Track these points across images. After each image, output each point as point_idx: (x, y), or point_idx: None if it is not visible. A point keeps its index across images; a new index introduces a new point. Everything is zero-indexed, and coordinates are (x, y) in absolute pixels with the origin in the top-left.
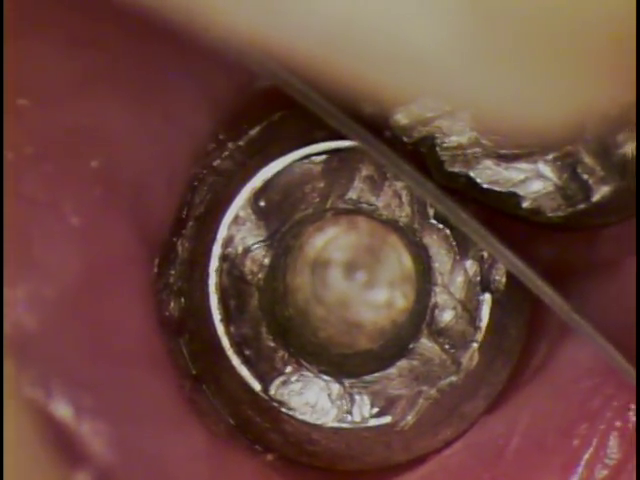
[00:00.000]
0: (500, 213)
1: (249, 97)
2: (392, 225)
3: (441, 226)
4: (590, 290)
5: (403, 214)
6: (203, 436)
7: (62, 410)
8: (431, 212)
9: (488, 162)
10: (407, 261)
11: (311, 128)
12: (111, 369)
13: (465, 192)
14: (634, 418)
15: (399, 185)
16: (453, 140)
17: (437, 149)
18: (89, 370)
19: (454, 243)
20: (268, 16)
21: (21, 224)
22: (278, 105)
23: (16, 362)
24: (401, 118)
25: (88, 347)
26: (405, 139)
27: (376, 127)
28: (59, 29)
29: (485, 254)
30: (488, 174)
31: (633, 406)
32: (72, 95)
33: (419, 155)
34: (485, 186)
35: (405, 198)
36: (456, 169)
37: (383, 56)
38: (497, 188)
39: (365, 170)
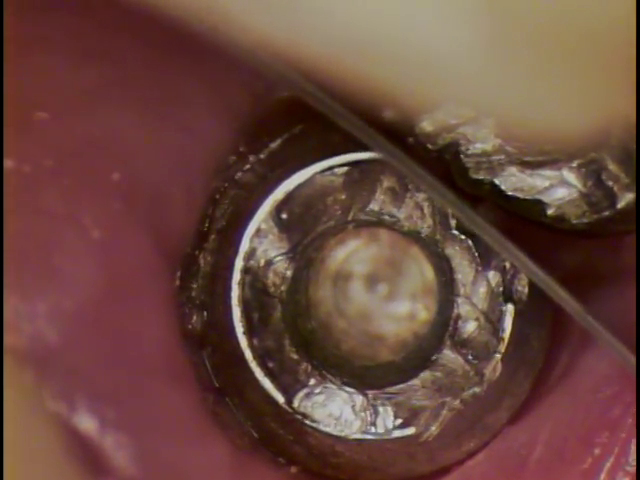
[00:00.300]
0: (524, 220)
1: (269, 109)
2: (414, 237)
3: (463, 237)
4: (614, 296)
5: (425, 225)
6: (226, 449)
7: (85, 423)
8: (453, 223)
9: (512, 169)
10: (429, 273)
11: (332, 140)
12: (133, 382)
13: (489, 199)
14: None
15: (421, 196)
16: (477, 147)
17: (461, 156)
18: (111, 383)
19: (476, 254)
20: (285, 20)
21: (40, 237)
22: (298, 117)
23: (38, 376)
24: (426, 125)
25: (110, 360)
26: (430, 146)
27: (399, 135)
28: (74, 41)
29: (507, 264)
30: (512, 181)
31: None
32: (89, 107)
33: (443, 162)
34: (509, 193)
35: (427, 209)
36: (480, 176)
37: (405, 62)
38: (521, 195)
39: (386, 182)
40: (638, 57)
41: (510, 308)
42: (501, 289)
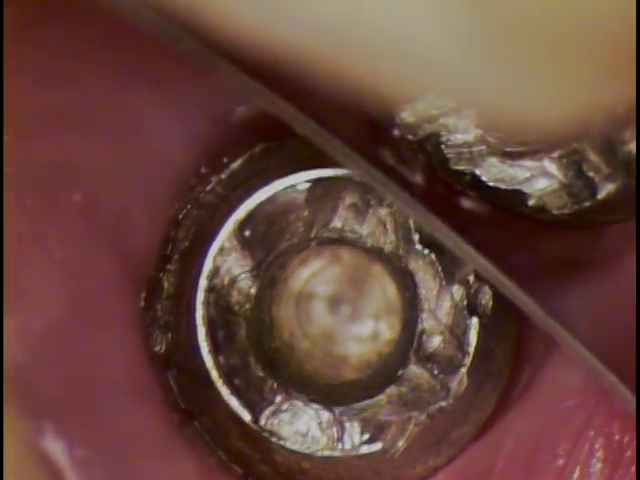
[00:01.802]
0: (506, 211)
1: (229, 130)
2: (377, 253)
3: (426, 252)
4: (594, 287)
5: (388, 241)
6: (194, 467)
7: (52, 442)
8: (416, 238)
9: (493, 160)
10: (392, 291)
11: (293, 158)
12: (100, 401)
13: (470, 190)
14: (617, 436)
15: (383, 212)
16: (458, 138)
17: (442, 147)
18: (78, 402)
19: (440, 268)
20: (267, 12)
21: (10, 257)
22: (258, 137)
23: (7, 395)
24: (407, 116)
25: (76, 379)
26: (411, 137)
27: (382, 128)
28: (33, 66)
29: (471, 278)
30: (493, 172)
31: (616, 422)
32: (49, 131)
33: (424, 153)
34: (490, 184)
35: (389, 225)
36: (461, 167)
37: (386, 53)
38: (502, 186)
39: (349, 198)
40: (638, 58)
41: (475, 322)
42: (465, 303)
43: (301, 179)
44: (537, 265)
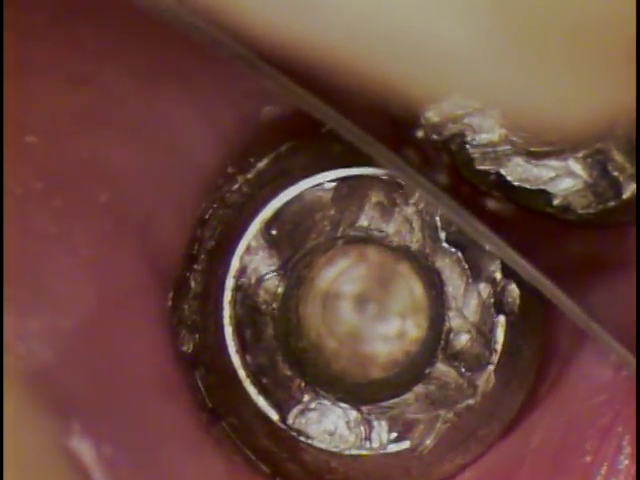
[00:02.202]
0: (530, 210)
1: (255, 129)
2: (403, 251)
3: (453, 249)
4: (619, 286)
5: (414, 239)
6: (221, 465)
7: (81, 441)
8: (442, 236)
9: (518, 159)
10: (419, 289)
11: (319, 157)
12: (127, 400)
13: (495, 190)
14: None
15: (409, 211)
16: (483, 137)
17: (467, 146)
18: (106, 401)
19: (466, 266)
20: (296, 13)
21: (33, 258)
22: (284, 137)
23: (33, 394)
24: (432, 116)
25: (104, 378)
26: (435, 137)
27: (406, 128)
28: (59, 66)
29: (498, 276)
30: (518, 171)
31: None
32: (76, 131)
33: (449, 153)
34: (515, 184)
35: (416, 223)
36: (486, 167)
37: (411, 53)
38: (527, 186)
39: (375, 197)
40: (638, 58)
41: (502, 319)
42: (492, 300)
43: (327, 178)
44: (562, 265)
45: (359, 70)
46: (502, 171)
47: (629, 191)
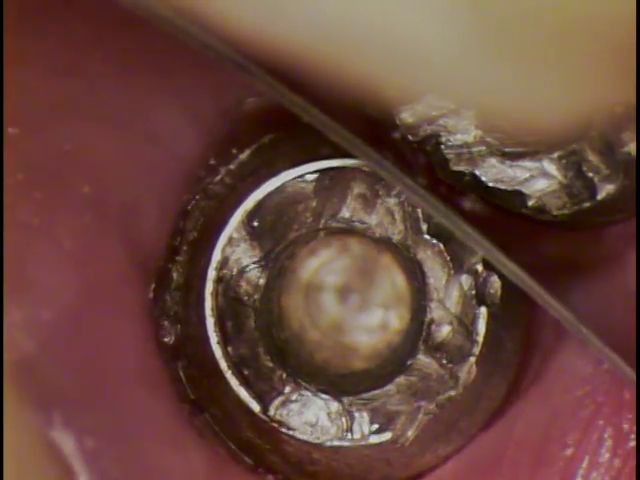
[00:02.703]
0: (505, 211)
1: (237, 121)
2: (385, 243)
3: (435, 241)
4: (594, 287)
5: (396, 231)
6: (203, 456)
7: (62, 431)
8: (424, 227)
9: (493, 160)
10: (401, 281)
11: (301, 149)
12: (109, 391)
13: (470, 190)
14: (626, 424)
15: (391, 202)
16: (458, 138)
17: (442, 147)
18: (87, 392)
19: (448, 258)
20: (268, 13)
21: (14, 249)
22: (267, 128)
23: (15, 385)
24: (407, 117)
25: (86, 369)
26: (410, 137)
27: (383, 129)
28: (41, 57)
29: (479, 267)
30: (493, 172)
31: (625, 412)
32: (58, 122)
33: (424, 153)
34: (490, 184)
35: (398, 215)
36: (461, 167)
37: (385, 54)
38: (502, 186)
39: (357, 188)
40: (638, 57)
41: (483, 311)
42: (474, 292)
43: (309, 169)
44: (537, 265)
45: (333, 71)
46: (477, 172)
47: (604, 192)
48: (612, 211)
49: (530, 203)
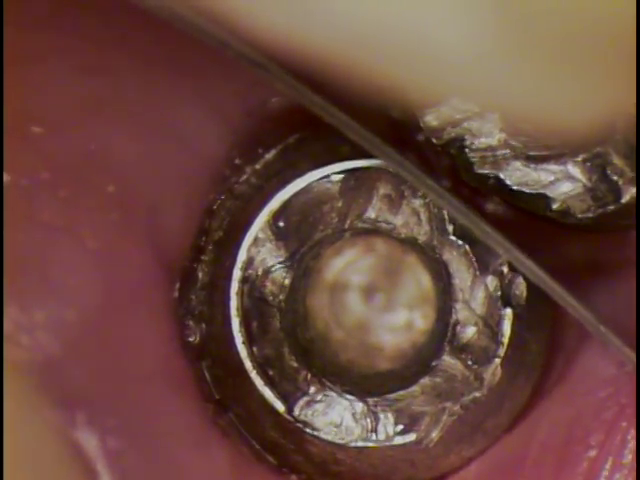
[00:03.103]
0: (529, 214)
1: (262, 120)
2: (411, 243)
3: (460, 242)
4: (618, 290)
5: (422, 232)
6: (227, 457)
7: (85, 432)
8: (450, 228)
9: (517, 163)
10: (426, 281)
11: (327, 149)
12: (133, 392)
13: (494, 193)
14: None
15: (417, 203)
16: (482, 142)
17: (466, 150)
18: (111, 392)
19: (474, 259)
20: (295, 17)
21: (38, 249)
22: (292, 128)
23: (38, 386)
24: (431, 120)
25: (110, 370)
26: (435, 141)
27: (407, 132)
28: (67, 56)
29: (505, 269)
30: (517, 175)
31: None
32: (84, 121)
33: (448, 157)
34: (514, 188)
35: (423, 216)
36: (485, 170)
37: (410, 56)
38: (526, 190)
39: (383, 189)
40: (638, 57)
41: (509, 312)
42: (499, 293)
43: (335, 170)
44: (561, 268)
45: (357, 74)
46: (501, 175)
47: (628, 195)
48: (637, 213)
49: (554, 206)
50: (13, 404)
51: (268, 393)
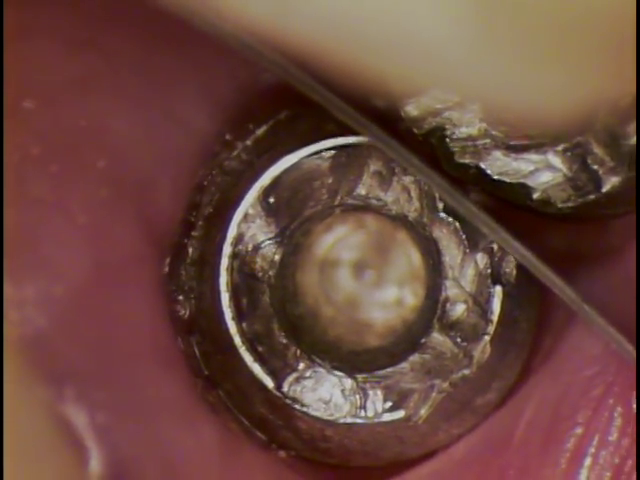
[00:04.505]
0: (510, 204)
1: (253, 96)
2: (401, 220)
3: (450, 219)
4: (598, 276)
5: (412, 209)
6: (215, 432)
7: (74, 407)
8: (440, 206)
9: (498, 153)
10: (416, 258)
11: (318, 126)
12: (122, 366)
13: (475, 183)
14: (635, 404)
15: (407, 180)
16: (463, 131)
17: (447, 140)
18: (100, 368)
19: (464, 236)
20: (276, 7)
21: (28, 224)
22: (283, 104)
23: (27, 360)
24: (412, 110)
25: (99, 345)
26: (415, 130)
27: (388, 120)
28: (60, 31)
29: (495, 246)
30: (498, 165)
31: (634, 392)
32: (75, 96)
33: (429, 146)
34: (495, 177)
35: (414, 193)
36: (466, 160)
37: (391, 47)
38: (507, 179)
39: (373, 165)
40: (638, 55)
41: (498, 290)
42: (489, 271)
43: (326, 146)
44: (542, 257)
45: (338, 64)
46: (482, 165)
47: (609, 184)
48: (617, 203)
49: (535, 196)
50: (4, 379)
51: (257, 369)
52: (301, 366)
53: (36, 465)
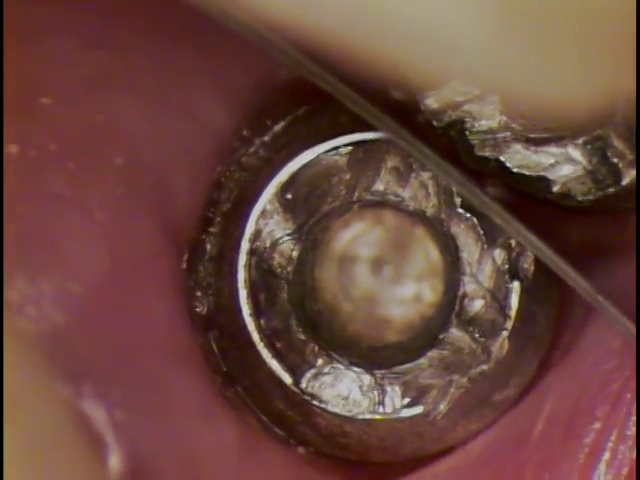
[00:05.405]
0: (530, 197)
1: (271, 92)
2: (419, 216)
3: (468, 215)
4: (618, 272)
5: (430, 204)
6: (234, 429)
7: (92, 404)
8: (458, 201)
9: (518, 146)
10: (435, 254)
11: (336, 121)
12: (139, 363)
13: (494, 176)
14: None
15: (425, 176)
16: (483, 124)
17: (467, 133)
18: (118, 364)
19: (481, 232)
20: None
21: (46, 220)
22: (301, 100)
23: (45, 357)
24: (432, 102)
25: (117, 341)
26: (435, 123)
27: (404, 113)
28: (76, 27)
29: (513, 242)
30: (518, 158)
31: None
32: (92, 93)
33: (448, 139)
34: (515, 170)
35: (432, 189)
36: (486, 153)
37: (409, 38)
38: (527, 172)
39: (391, 161)
40: (638, 54)
41: (516, 285)
42: (507, 267)
43: (344, 142)
44: (561, 251)
45: (358, 56)
46: (502, 158)
47: (628, 177)
48: (637, 198)
49: (555, 189)
50: (19, 375)
51: (275, 365)
52: (319, 362)
53: (55, 462)
